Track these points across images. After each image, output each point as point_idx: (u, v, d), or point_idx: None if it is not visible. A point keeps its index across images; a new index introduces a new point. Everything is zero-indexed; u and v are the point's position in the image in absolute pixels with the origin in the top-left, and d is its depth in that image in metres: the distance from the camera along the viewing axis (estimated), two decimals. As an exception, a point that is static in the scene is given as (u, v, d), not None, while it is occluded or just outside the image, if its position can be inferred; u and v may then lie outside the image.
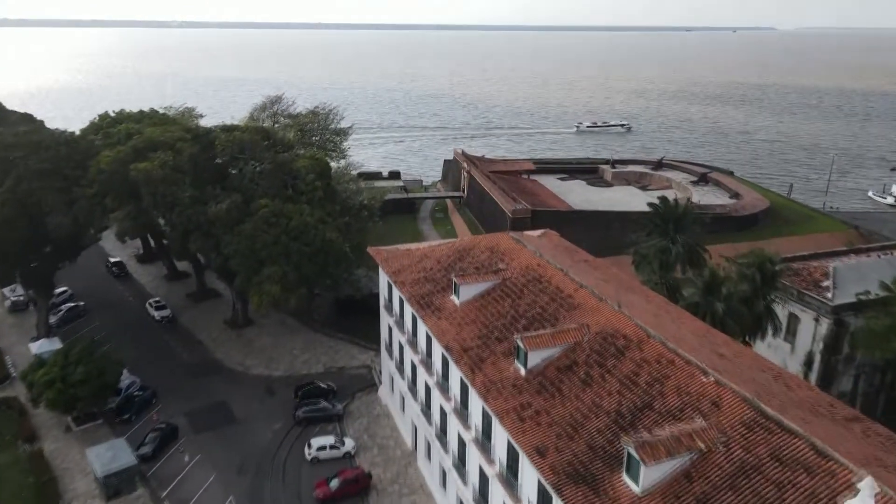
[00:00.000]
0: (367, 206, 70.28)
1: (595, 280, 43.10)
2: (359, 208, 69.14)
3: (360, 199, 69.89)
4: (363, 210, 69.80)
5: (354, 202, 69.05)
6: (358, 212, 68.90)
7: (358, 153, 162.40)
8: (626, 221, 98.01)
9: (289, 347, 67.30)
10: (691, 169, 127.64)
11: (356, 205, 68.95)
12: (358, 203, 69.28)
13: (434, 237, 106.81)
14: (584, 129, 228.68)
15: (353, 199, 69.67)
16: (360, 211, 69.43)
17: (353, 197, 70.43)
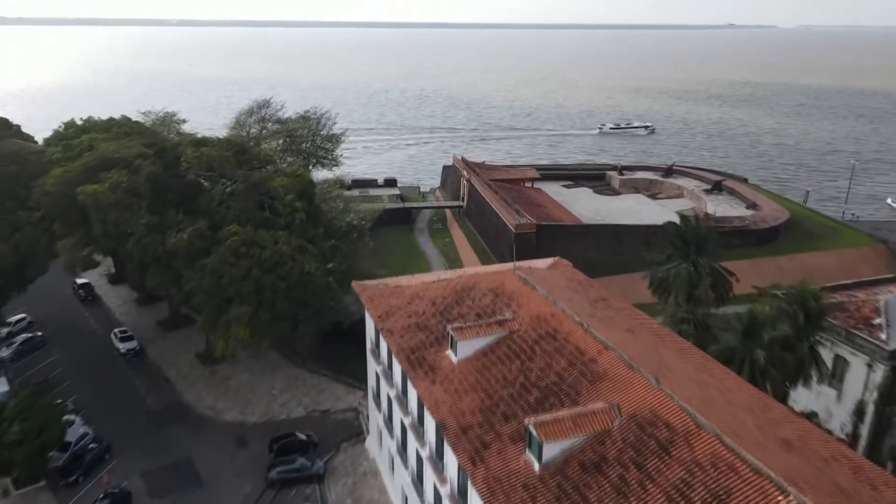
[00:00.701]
0: (357, 227, 62.64)
1: (620, 334, 35.46)
2: (347, 230, 61.53)
3: (348, 220, 62.24)
4: (352, 231, 62.20)
5: (342, 223, 61.43)
6: (346, 234, 61.35)
7: (353, 159, 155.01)
8: (638, 235, 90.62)
9: (267, 387, 59.66)
10: (703, 176, 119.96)
11: (343, 226, 61.33)
12: (346, 224, 61.66)
13: (431, 250, 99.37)
14: (607, 130, 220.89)
15: (341, 220, 62.02)
16: (349, 233, 61.87)
17: (341, 217, 62.77)
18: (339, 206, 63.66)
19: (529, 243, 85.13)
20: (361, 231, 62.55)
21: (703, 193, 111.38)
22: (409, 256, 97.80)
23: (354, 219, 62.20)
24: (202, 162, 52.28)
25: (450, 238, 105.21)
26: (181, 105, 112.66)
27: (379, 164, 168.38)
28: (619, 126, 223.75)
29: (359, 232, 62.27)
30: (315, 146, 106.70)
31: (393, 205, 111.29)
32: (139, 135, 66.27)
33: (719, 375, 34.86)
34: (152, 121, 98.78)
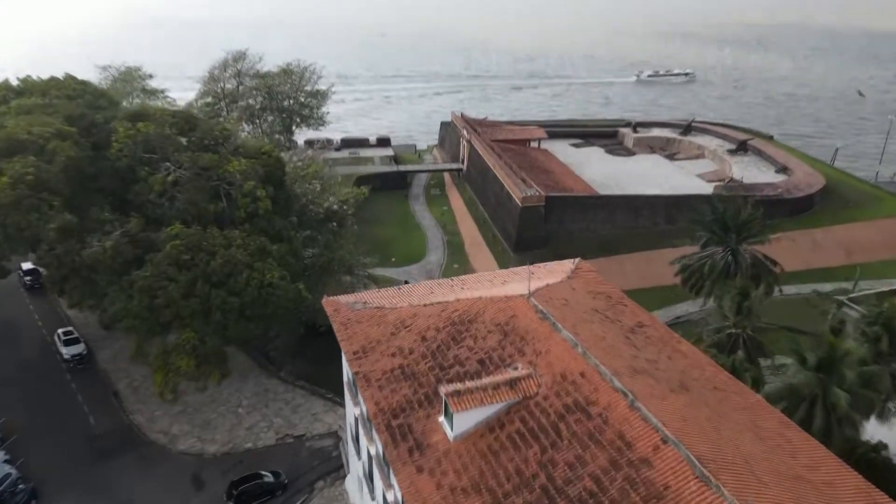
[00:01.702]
0: (337, 213, 51.98)
1: (677, 406, 25.49)
2: (325, 216, 51.00)
3: (326, 205, 51.55)
4: (332, 218, 51.64)
5: (318, 209, 50.86)
6: (324, 221, 50.91)
7: (344, 119, 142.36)
8: (657, 207, 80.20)
9: (233, 403, 50.30)
10: (726, 134, 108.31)
11: (320, 213, 50.77)
12: (323, 211, 51.06)
13: (428, 221, 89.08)
14: (644, 78, 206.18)
15: (317, 205, 51.38)
16: (328, 220, 51.39)
17: (318, 200, 52.11)
18: (316, 187, 52.96)
19: (537, 217, 74.91)
20: (343, 218, 52.04)
21: (726, 154, 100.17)
22: (404, 228, 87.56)
23: (334, 203, 51.61)
24: (137, 143, 41.53)
25: (448, 206, 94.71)
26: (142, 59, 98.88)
27: (373, 117, 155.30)
28: (657, 73, 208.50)
29: (339, 219, 51.77)
30: (298, 104, 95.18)
31: (386, 168, 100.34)
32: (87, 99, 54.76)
33: (819, 466, 25.08)
34: (113, 77, 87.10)
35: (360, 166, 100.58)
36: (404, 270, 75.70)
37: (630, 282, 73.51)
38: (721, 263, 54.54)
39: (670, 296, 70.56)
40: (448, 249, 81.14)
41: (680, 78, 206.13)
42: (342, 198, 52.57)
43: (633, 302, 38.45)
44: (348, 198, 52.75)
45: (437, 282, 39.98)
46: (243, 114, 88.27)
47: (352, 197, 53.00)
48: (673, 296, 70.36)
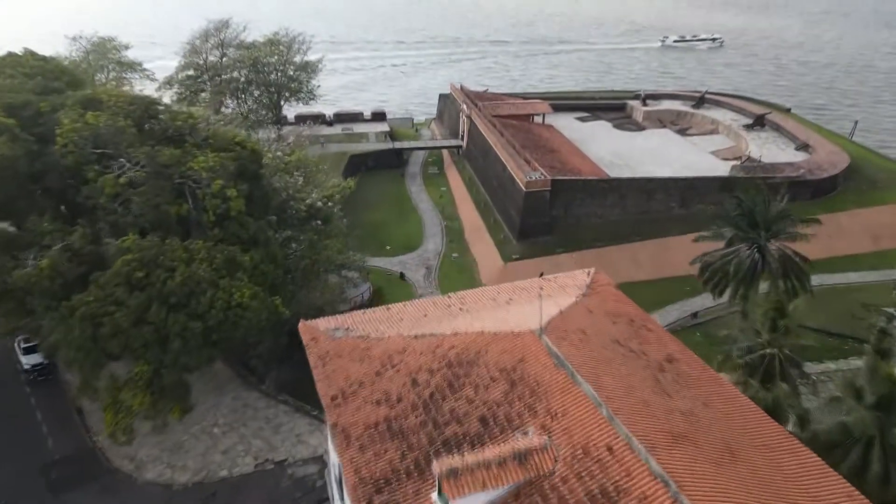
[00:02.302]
0: (322, 211, 46.02)
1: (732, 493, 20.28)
2: (306, 214, 45.12)
3: (308, 202, 45.49)
4: (316, 216, 45.76)
5: (299, 205, 44.90)
6: (306, 220, 45.11)
7: (338, 91, 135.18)
8: (672, 190, 74.28)
9: (208, 421, 45.22)
10: (742, 107, 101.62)
11: (301, 210, 44.84)
12: (305, 208, 45.10)
13: (425, 204, 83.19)
14: (669, 44, 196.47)
15: (299, 201, 45.31)
16: (311, 218, 45.56)
17: (300, 195, 46.02)
18: (298, 180, 46.90)
19: (542, 203, 69.10)
20: (327, 216, 46.18)
21: (742, 129, 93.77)
22: (399, 212, 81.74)
23: (318, 199, 45.70)
24: (85, 137, 35.61)
25: (447, 186, 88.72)
26: (122, 29, 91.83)
27: (366, 89, 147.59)
28: (683, 38, 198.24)
29: (324, 217, 45.95)
30: (286, 77, 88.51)
31: (381, 145, 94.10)
32: (38, 81, 48.52)
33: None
34: (85, 50, 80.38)
35: (354, 143, 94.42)
36: (399, 260, 70.21)
37: (642, 272, 68.26)
38: (748, 262, 48.97)
39: (685, 288, 65.21)
40: (447, 236, 75.51)
41: (707, 43, 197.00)
42: (327, 192, 46.67)
43: (657, 324, 33.23)
44: (334, 192, 46.77)
45: (433, 301, 34.42)
46: (225, 87, 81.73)
47: (337, 192, 46.93)
48: (688, 288, 64.97)
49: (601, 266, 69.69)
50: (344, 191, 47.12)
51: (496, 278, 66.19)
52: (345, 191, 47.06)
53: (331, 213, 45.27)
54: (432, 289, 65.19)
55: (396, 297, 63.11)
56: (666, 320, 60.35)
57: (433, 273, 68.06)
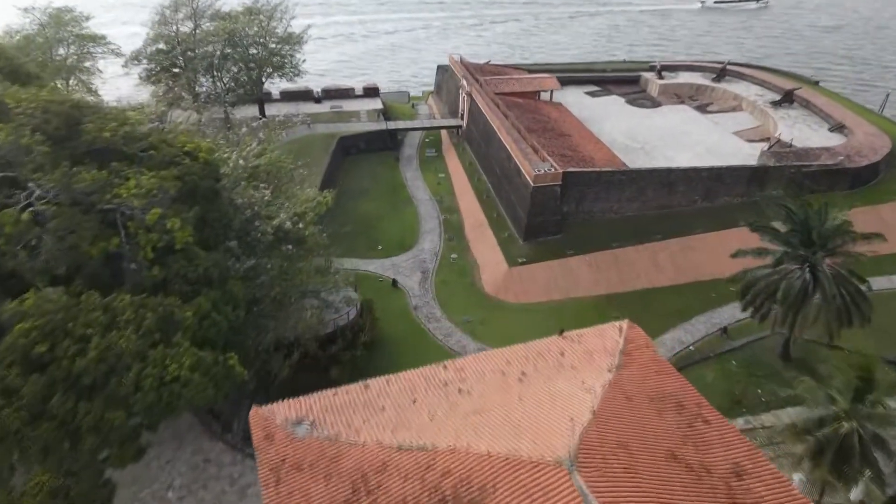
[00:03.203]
0: (292, 232, 37.55)
1: None
2: (274, 238, 36.73)
3: (276, 222, 36.83)
4: (285, 239, 37.42)
5: (266, 227, 36.42)
6: (274, 245, 36.79)
7: (328, 60, 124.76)
8: (696, 182, 65.92)
9: (162, 482, 37.88)
10: (766, 80, 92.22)
11: (268, 233, 36.32)
12: (273, 230, 36.57)
13: (422, 193, 74.89)
14: (710, 5, 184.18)
15: (266, 221, 36.75)
16: (281, 242, 37.22)
17: (268, 211, 37.50)
18: (265, 194, 38.24)
19: (552, 199, 60.91)
20: (299, 238, 37.82)
21: (768, 106, 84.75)
22: (393, 202, 73.44)
23: (287, 219, 37.22)
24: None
25: (445, 172, 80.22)
26: None
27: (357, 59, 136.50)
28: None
29: (296, 239, 37.65)
30: (268, 51, 79.23)
31: (373, 125, 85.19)
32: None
33: None
34: (40, 23, 71.09)
35: (344, 123, 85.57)
36: (392, 263, 62.34)
37: (664, 276, 60.32)
38: (798, 284, 41.10)
39: (712, 294, 57.46)
40: (445, 232, 67.43)
41: (751, 4, 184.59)
42: (299, 208, 38.23)
43: (712, 408, 25.46)
44: (306, 210, 38.25)
45: (424, 374, 26.67)
46: (198, 64, 72.62)
47: (311, 209, 38.32)
48: (715, 295, 57.27)
49: (618, 270, 61.99)
50: (319, 207, 38.73)
51: (500, 285, 58.47)
52: (320, 207, 38.67)
53: (303, 235, 37.12)
54: (428, 299, 57.50)
55: (388, 312, 55.47)
56: (693, 336, 52.77)
57: (429, 279, 60.26)
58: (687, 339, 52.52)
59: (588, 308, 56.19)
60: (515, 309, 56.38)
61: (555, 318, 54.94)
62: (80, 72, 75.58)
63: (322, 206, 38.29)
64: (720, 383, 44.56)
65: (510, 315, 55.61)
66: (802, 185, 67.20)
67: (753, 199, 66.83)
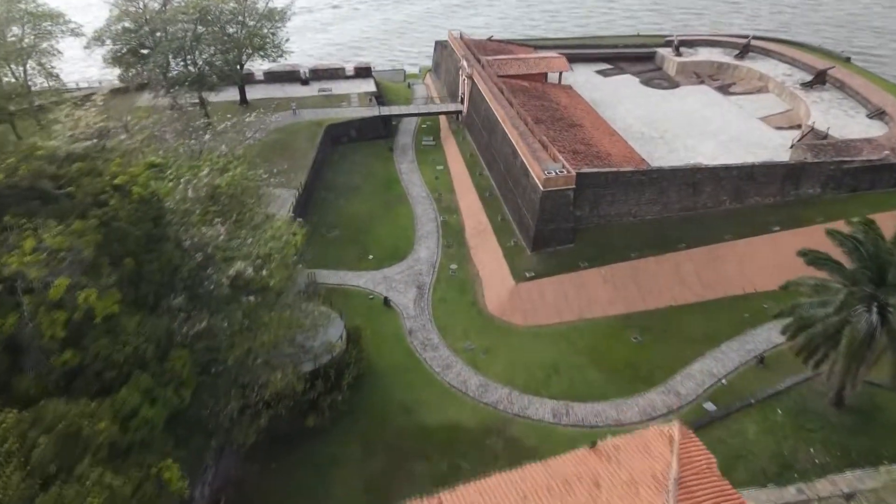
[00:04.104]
0: (255, 281, 29.60)
1: None
2: (231, 292, 28.93)
3: (233, 271, 28.93)
4: (246, 288, 29.72)
5: (219, 279, 28.62)
6: (234, 295, 29.12)
7: (315, 38, 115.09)
8: (724, 181, 58.25)
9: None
10: (795, 58, 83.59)
11: (224, 285, 28.56)
12: (229, 280, 28.63)
13: (418, 189, 67.45)
14: None
15: (222, 269, 28.91)
16: (241, 292, 29.48)
17: (223, 252, 29.77)
18: (219, 232, 30.17)
19: (564, 204, 53.44)
20: (265, 288, 30.03)
21: (798, 88, 76.48)
22: (386, 200, 65.94)
23: (247, 264, 29.33)
24: None
25: (444, 165, 72.40)
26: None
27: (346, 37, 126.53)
28: None
29: (260, 289, 29.96)
30: (247, 30, 70.74)
31: (365, 112, 77.01)
32: None
33: None
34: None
35: (333, 108, 77.42)
36: (384, 275, 55.20)
37: (689, 291, 53.06)
38: (864, 328, 34.00)
39: (744, 314, 50.49)
40: (443, 238, 60.13)
41: None
42: (264, 248, 30.48)
43: None
44: (272, 250, 30.43)
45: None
46: (167, 46, 64.30)
47: (276, 252, 30.11)
48: (748, 314, 50.34)
49: (637, 285, 54.49)
50: (287, 249, 30.82)
51: (506, 305, 51.39)
52: (288, 249, 30.74)
53: (268, 288, 29.65)
54: (425, 320, 50.51)
55: (379, 336, 48.16)
56: (724, 366, 45.91)
57: (426, 295, 53.18)
58: (718, 371, 45.67)
59: (604, 331, 49.34)
60: (522, 333, 49.42)
61: (566, 343, 48.18)
62: (38, 53, 67.24)
63: (291, 248, 30.72)
64: (765, 440, 37.79)
65: (517, 340, 48.70)
66: (842, 183, 59.79)
67: (787, 198, 59.51)
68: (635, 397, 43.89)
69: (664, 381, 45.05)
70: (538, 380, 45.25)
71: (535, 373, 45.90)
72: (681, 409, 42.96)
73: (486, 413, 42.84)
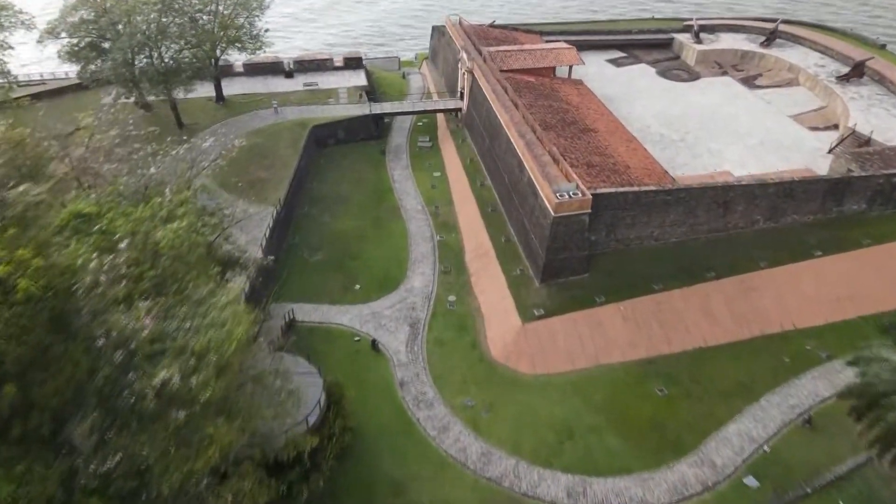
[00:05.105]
0: (184, 393, 21.97)
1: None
2: (155, 408, 21.57)
3: (159, 379, 21.40)
4: (176, 401, 22.21)
5: (141, 390, 21.36)
6: (157, 413, 21.84)
7: (300, 23, 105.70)
8: (760, 199, 50.63)
9: None
10: (828, 45, 74.99)
11: (148, 397, 21.39)
12: (153, 392, 21.30)
13: (412, 200, 60.14)
14: None
15: (143, 371, 21.80)
16: (168, 407, 22.10)
17: (148, 348, 22.49)
18: (144, 325, 22.64)
19: (577, 230, 45.93)
20: (194, 396, 22.75)
21: (834, 82, 68.24)
22: (377, 216, 58.37)
23: (174, 374, 21.57)
24: None
25: (441, 170, 64.62)
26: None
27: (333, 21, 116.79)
28: None
29: (190, 399, 22.73)
30: (220, 21, 62.38)
31: (355, 109, 68.84)
32: None
33: None
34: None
35: (319, 106, 69.33)
36: (372, 311, 47.94)
37: (719, 330, 45.56)
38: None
39: (784, 358, 43.48)
40: (440, 261, 52.76)
41: None
42: (202, 340, 22.88)
43: None
44: (210, 345, 22.81)
45: None
46: (126, 42, 56.13)
47: (213, 349, 22.55)
48: (788, 358, 43.34)
49: (660, 322, 46.34)
50: (226, 346, 23.32)
51: (511, 349, 44.27)
52: (227, 346, 23.24)
53: (198, 397, 22.32)
54: (419, 369, 43.45)
55: (366, 389, 41.12)
56: (766, 427, 39.05)
57: (420, 335, 46.04)
58: (759, 434, 38.78)
59: (624, 381, 42.34)
60: (530, 384, 42.37)
61: (581, 397, 41.18)
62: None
63: (231, 344, 23.37)
64: (827, 546, 30.99)
65: (523, 394, 41.68)
66: (891, 198, 52.31)
67: (829, 216, 52.05)
68: (663, 470, 37.03)
69: (696, 447, 38.16)
70: (549, 446, 38.36)
71: (545, 436, 39.00)
72: (718, 486, 36.19)
73: (490, 491, 36.10)
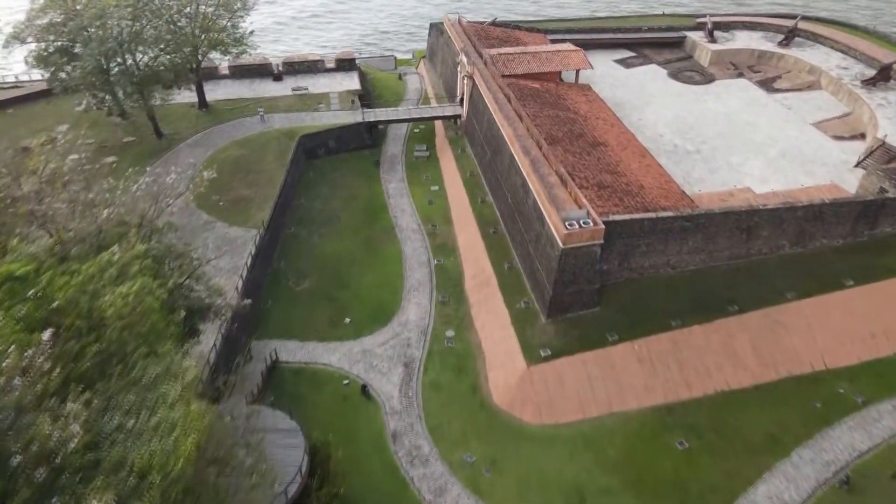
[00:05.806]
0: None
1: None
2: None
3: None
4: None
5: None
6: None
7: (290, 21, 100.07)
8: (786, 223, 46.05)
9: None
10: (851, 45, 69.94)
11: None
12: None
13: (408, 218, 55.65)
14: None
15: (78, 485, 17.91)
16: None
17: (77, 464, 18.46)
18: (73, 433, 18.64)
19: (588, 262, 41.38)
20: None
21: (856, 84, 63.32)
22: (368, 241, 53.73)
23: (113, 492, 17.69)
24: None
25: (439, 185, 59.92)
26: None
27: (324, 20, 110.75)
28: None
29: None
30: (202, 23, 57.39)
31: (347, 117, 63.95)
32: None
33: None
34: None
35: (308, 112, 64.44)
36: (363, 348, 43.55)
37: (744, 372, 41.02)
38: None
39: (813, 401, 39.26)
40: (438, 290, 48.28)
41: None
42: (145, 452, 18.46)
43: None
44: (153, 457, 18.43)
45: None
46: (96, 48, 51.30)
47: (157, 472, 18.29)
48: (821, 404, 39.09)
49: (679, 364, 39.93)
50: (172, 464, 18.76)
51: (515, 395, 39.97)
52: (175, 462, 18.75)
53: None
54: (413, 417, 39.18)
55: (355, 442, 36.96)
56: (798, 489, 34.89)
57: (415, 376, 41.69)
58: (792, 498, 34.58)
59: (639, 432, 38.05)
60: (536, 435, 38.11)
61: (592, 452, 36.93)
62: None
63: (178, 462, 18.99)
64: None
65: (529, 448, 37.42)
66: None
67: (859, 239, 47.51)
68: (686, 542, 32.82)
69: (722, 514, 33.90)
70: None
71: (553, 501, 34.78)
72: (747, 564, 32.01)
73: (492, 567, 31.90)
